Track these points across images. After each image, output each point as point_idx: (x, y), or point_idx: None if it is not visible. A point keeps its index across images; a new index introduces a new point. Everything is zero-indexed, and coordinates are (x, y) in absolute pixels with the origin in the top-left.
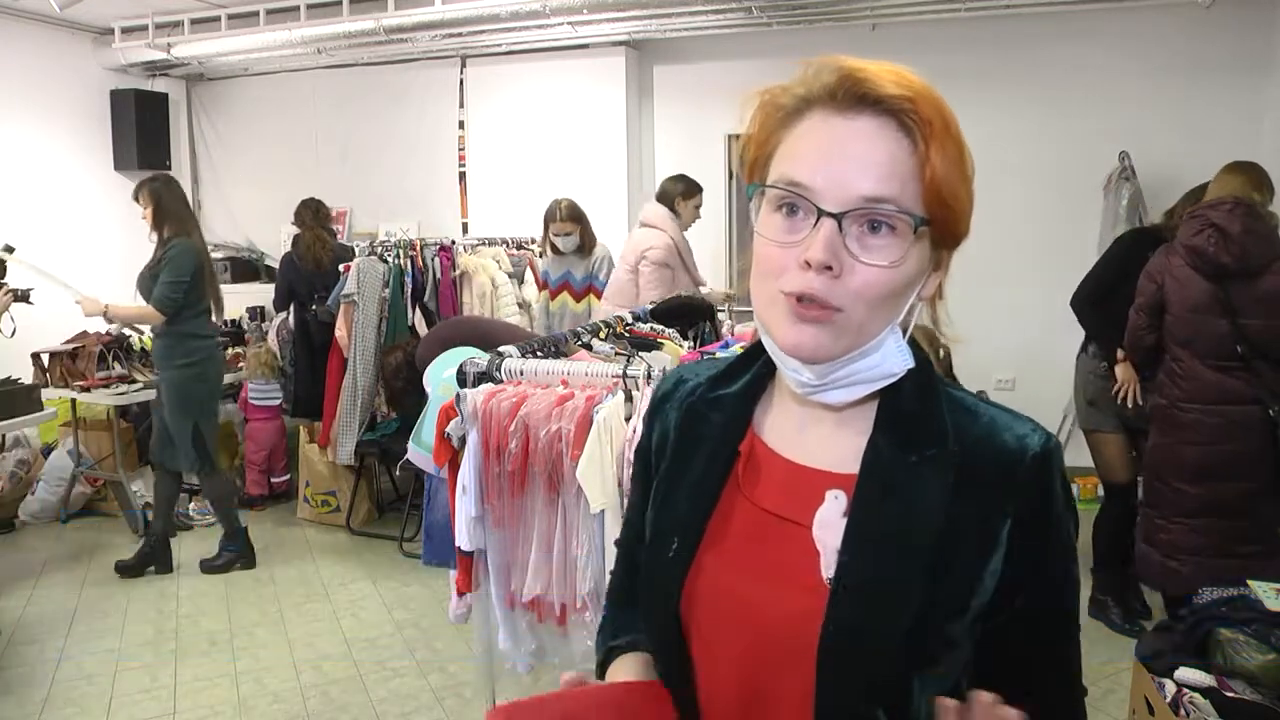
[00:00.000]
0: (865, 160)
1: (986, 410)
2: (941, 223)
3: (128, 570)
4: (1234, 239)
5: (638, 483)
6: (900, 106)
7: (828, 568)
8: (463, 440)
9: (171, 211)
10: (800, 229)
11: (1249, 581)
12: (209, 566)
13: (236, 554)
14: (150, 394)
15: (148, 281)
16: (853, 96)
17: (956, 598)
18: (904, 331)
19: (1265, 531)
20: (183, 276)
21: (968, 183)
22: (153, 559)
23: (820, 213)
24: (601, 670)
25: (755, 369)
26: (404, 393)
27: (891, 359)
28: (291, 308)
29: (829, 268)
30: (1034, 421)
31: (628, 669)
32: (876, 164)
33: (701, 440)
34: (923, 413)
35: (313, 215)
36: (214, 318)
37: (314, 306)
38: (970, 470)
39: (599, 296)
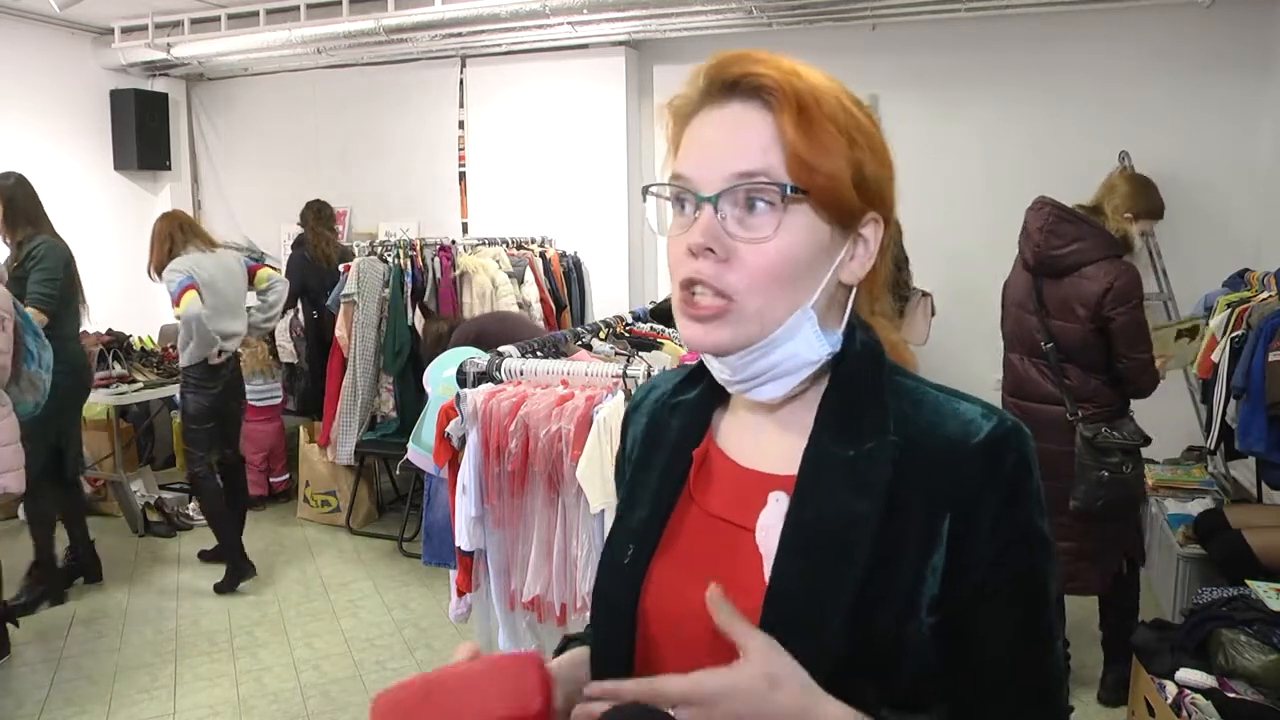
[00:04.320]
0: (732, 141)
1: (933, 397)
2: (821, 191)
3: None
4: (1031, 236)
5: (619, 491)
6: (759, 84)
7: (769, 571)
8: (463, 440)
9: (25, 211)
10: (688, 221)
11: (1248, 581)
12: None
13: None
14: (151, 394)
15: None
16: (719, 85)
17: (901, 597)
18: (842, 319)
19: (1085, 532)
20: (56, 274)
21: (844, 151)
22: (80, 570)
23: (698, 199)
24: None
25: None
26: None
27: (810, 346)
28: (300, 305)
29: (711, 250)
30: (986, 406)
31: (569, 657)
32: (743, 142)
33: (661, 447)
34: (863, 405)
35: (315, 215)
36: (84, 321)
37: (327, 303)
38: (911, 462)
39: None
